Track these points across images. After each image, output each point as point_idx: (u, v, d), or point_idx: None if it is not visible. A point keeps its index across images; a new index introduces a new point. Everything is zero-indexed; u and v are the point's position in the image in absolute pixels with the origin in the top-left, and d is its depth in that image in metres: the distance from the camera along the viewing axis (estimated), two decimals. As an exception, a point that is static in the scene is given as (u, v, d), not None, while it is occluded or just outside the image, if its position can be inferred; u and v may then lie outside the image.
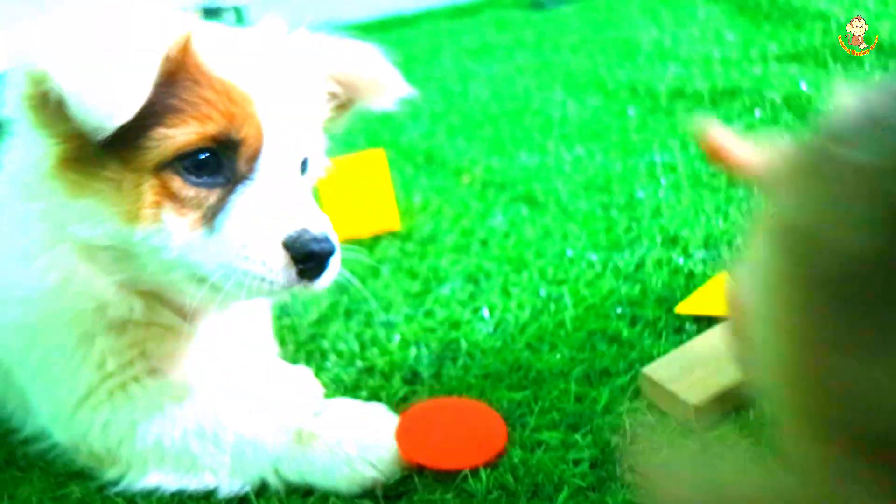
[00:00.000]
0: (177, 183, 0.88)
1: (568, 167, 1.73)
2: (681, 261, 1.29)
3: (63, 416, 1.04)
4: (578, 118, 2.04)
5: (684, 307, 1.16)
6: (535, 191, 1.65)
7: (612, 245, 1.39)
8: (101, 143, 0.84)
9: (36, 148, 0.90)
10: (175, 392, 1.02)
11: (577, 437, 0.96)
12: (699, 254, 1.30)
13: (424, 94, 2.56)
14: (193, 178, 0.89)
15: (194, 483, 0.98)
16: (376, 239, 1.57)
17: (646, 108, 2.00)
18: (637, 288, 1.24)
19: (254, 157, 0.91)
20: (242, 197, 0.90)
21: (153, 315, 1.03)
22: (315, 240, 0.90)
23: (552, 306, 1.24)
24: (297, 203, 0.93)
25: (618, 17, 3.05)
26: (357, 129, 2.30)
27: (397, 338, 1.23)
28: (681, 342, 1.08)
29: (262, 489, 0.96)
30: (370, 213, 1.62)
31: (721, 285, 1.17)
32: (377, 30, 3.83)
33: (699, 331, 1.10)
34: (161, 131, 0.85)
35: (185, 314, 1.02)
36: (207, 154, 0.89)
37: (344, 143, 2.21)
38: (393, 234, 1.60)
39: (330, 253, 0.92)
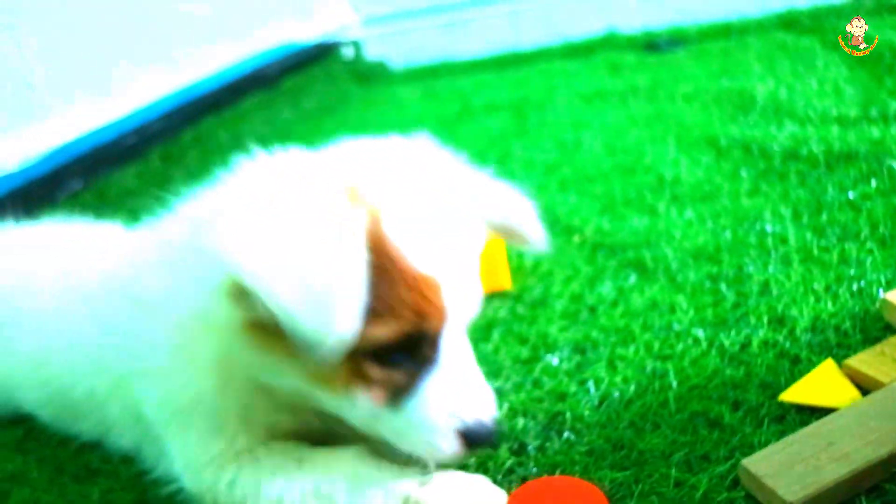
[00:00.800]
0: (368, 367, 0.98)
1: (678, 233, 1.77)
2: (787, 344, 1.31)
3: (193, 468, 1.16)
4: (690, 178, 2.06)
5: (789, 395, 1.18)
6: (645, 257, 1.69)
7: (718, 321, 1.42)
8: None
9: (224, 311, 0.98)
10: (297, 454, 1.12)
11: (676, 526, 1.01)
12: (806, 337, 1.32)
13: (538, 142, 2.64)
14: (383, 363, 0.99)
15: None
16: (489, 298, 1.64)
17: (758, 169, 2.01)
18: (741, 370, 1.27)
19: (437, 339, 1.00)
20: (428, 384, 1.00)
21: (296, 422, 1.14)
22: (488, 430, 1.00)
23: (657, 384, 1.29)
24: (474, 389, 1.02)
25: (733, 63, 3.04)
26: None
27: (506, 406, 1.30)
28: (782, 431, 1.11)
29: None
30: (484, 271, 1.69)
31: (828, 374, 1.20)
32: (492, 67, 3.93)
33: (802, 421, 1.13)
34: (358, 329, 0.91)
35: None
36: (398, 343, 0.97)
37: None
38: (504, 294, 1.68)
39: (499, 437, 1.02)
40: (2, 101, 2.72)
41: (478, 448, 1.01)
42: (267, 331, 0.95)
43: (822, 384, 1.18)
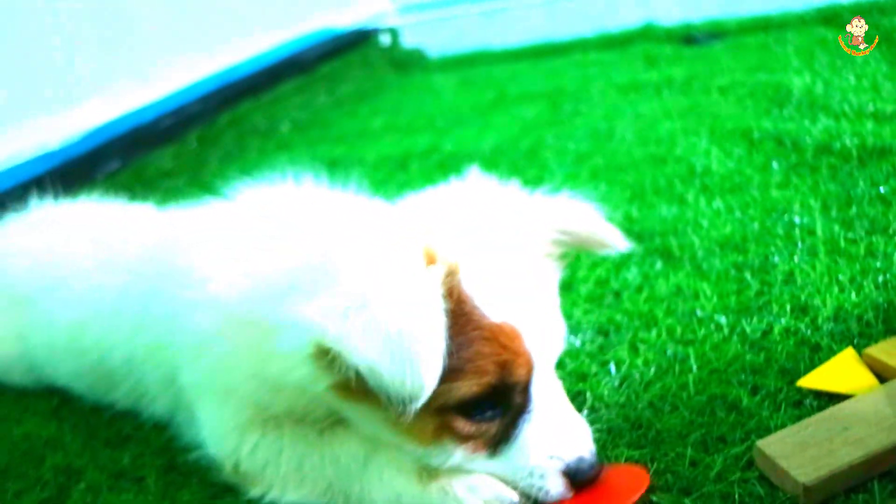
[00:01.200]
0: (459, 423, 1.01)
1: (706, 222, 1.77)
2: (808, 332, 1.32)
3: (217, 434, 1.20)
4: (721, 169, 2.07)
5: (807, 381, 1.19)
6: (671, 245, 1.70)
7: (741, 308, 1.43)
8: None
9: (305, 372, 0.98)
10: (319, 426, 1.16)
11: (688, 501, 1.02)
12: (828, 326, 1.33)
13: (571, 132, 2.65)
14: (474, 416, 1.01)
15: None
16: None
17: (790, 162, 2.01)
18: (762, 356, 1.28)
19: (527, 387, 1.02)
20: (525, 431, 1.02)
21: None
22: (591, 466, 1.02)
23: (677, 367, 1.30)
24: (569, 429, 1.04)
25: (771, 57, 3.01)
26: (504, 167, 2.41)
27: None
28: (799, 416, 1.12)
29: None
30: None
31: (847, 362, 1.20)
32: (528, 57, 3.94)
33: (819, 407, 1.14)
34: (440, 386, 0.92)
35: None
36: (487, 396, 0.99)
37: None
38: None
39: (598, 468, 1.03)
40: (44, 82, 2.79)
41: (583, 485, 1.02)
42: (353, 390, 0.97)
43: (841, 371, 1.19)
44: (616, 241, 1.19)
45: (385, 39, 4.59)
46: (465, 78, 3.82)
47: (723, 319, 1.40)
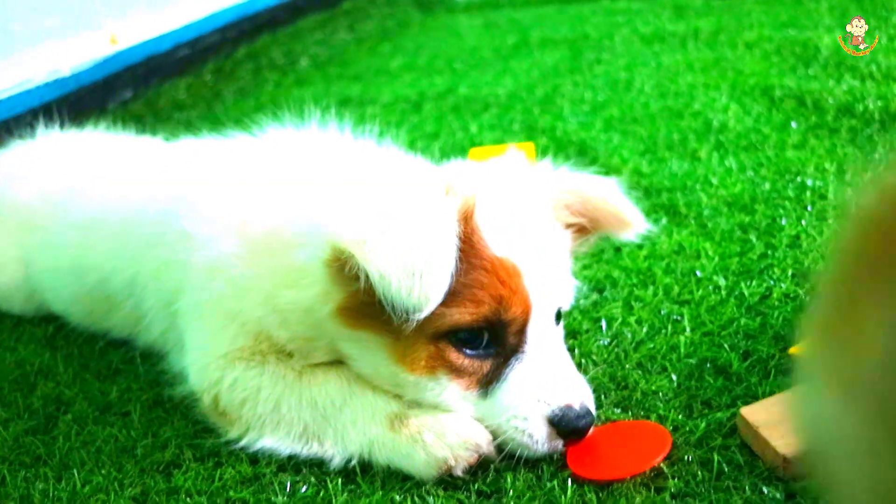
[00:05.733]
0: (452, 354, 1.01)
1: (715, 179, 1.73)
2: (808, 298, 1.28)
3: (201, 363, 1.20)
4: (738, 126, 2.01)
5: (800, 349, 1.16)
6: (678, 201, 1.66)
7: (742, 271, 1.39)
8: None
9: (317, 289, 1.03)
10: (298, 367, 1.15)
11: (664, 466, 1.00)
12: (829, 293, 1.29)
13: (590, 81, 2.59)
14: (468, 350, 1.02)
15: (304, 450, 1.11)
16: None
17: (809, 123, 1.95)
18: (757, 321, 1.25)
19: (522, 329, 1.02)
20: (515, 371, 1.02)
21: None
22: (578, 417, 1.01)
23: (670, 328, 1.28)
24: (562, 377, 1.04)
25: (803, 12, 2.92)
26: (518, 113, 2.36)
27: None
28: (789, 385, 1.09)
29: (367, 467, 1.06)
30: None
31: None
32: (555, 1, 3.84)
33: (810, 376, 1.10)
34: (436, 310, 0.95)
35: None
36: (480, 329, 1.00)
37: (502, 127, 2.28)
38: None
39: (590, 425, 1.02)
40: (58, 6, 2.75)
41: (570, 436, 1.01)
42: (359, 312, 1.01)
43: (838, 341, 1.15)
44: (636, 222, 1.18)
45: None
46: (489, 20, 3.74)
47: (722, 281, 1.37)
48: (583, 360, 1.23)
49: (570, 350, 1.25)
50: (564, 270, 1.12)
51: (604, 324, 1.31)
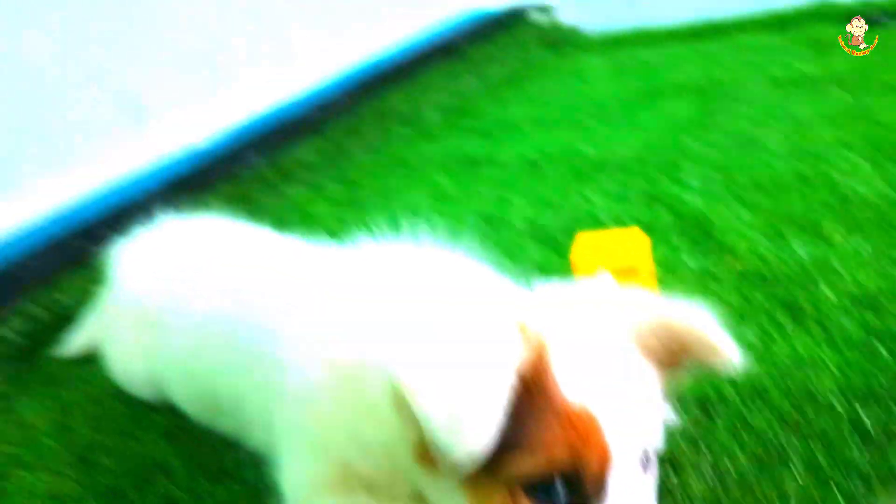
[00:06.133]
0: (525, 502, 0.96)
1: (843, 269, 1.58)
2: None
3: (293, 484, 1.22)
4: (880, 200, 1.84)
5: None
6: (798, 297, 1.53)
7: (865, 393, 1.26)
8: None
9: (392, 427, 1.01)
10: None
11: None
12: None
13: (715, 136, 2.46)
14: (542, 498, 0.95)
15: None
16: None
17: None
18: (877, 458, 1.13)
19: (601, 479, 0.95)
20: None
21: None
22: None
23: (779, 466, 1.17)
24: None
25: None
26: (637, 179, 2.26)
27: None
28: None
29: None
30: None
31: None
32: (685, 37, 3.72)
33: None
34: (507, 457, 0.92)
35: None
36: (554, 479, 0.94)
37: (621, 196, 2.19)
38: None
39: None
40: (186, 76, 2.87)
41: None
42: (428, 455, 0.97)
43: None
44: (729, 354, 1.05)
45: (538, 17, 4.45)
46: (616, 63, 3.64)
47: (839, 408, 1.24)
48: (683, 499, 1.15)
49: (670, 492, 1.18)
50: (652, 410, 1.03)
51: (707, 454, 1.22)
